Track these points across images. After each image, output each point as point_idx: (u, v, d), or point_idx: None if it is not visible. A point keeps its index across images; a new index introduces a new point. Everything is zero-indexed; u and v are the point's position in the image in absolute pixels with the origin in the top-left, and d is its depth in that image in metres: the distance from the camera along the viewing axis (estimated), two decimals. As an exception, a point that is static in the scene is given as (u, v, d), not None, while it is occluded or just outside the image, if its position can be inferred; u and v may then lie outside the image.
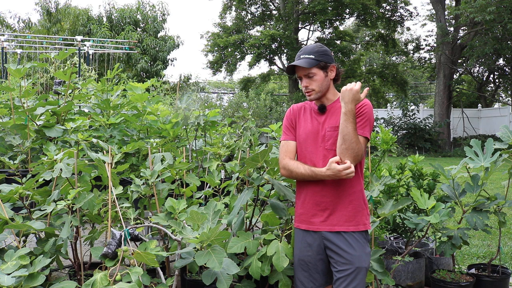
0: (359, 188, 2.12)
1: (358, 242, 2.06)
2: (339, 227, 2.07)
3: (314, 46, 2.12)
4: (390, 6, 22.99)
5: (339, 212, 2.08)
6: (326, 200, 2.09)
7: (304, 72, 2.10)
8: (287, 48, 21.92)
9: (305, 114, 2.21)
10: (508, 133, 2.79)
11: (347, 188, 2.08)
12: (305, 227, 2.15)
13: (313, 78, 2.10)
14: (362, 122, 2.06)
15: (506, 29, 15.94)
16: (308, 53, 2.10)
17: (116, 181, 2.62)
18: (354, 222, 2.08)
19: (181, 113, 3.66)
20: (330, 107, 2.15)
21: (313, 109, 2.19)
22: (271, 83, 31.34)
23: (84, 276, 2.66)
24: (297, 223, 2.21)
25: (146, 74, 18.89)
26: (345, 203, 2.08)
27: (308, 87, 2.11)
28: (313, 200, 2.12)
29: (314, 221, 2.12)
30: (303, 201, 2.17)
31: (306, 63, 2.06)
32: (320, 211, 2.10)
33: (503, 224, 2.99)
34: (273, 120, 17.63)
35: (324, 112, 2.15)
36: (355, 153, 1.97)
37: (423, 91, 31.38)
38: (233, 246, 2.44)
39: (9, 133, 3.52)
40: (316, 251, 2.12)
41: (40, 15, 19.52)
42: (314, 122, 2.16)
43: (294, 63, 2.10)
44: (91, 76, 7.57)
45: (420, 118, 19.93)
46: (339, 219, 2.07)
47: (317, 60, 2.08)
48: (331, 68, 2.13)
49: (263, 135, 9.72)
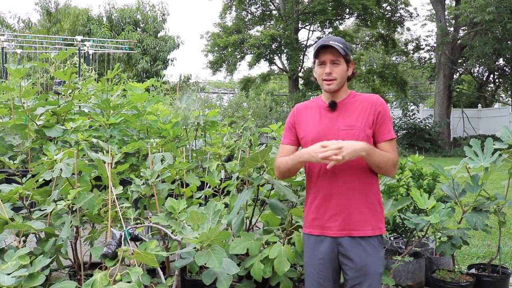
0: (375, 191, 2.03)
1: (374, 247, 1.98)
2: (356, 231, 1.96)
3: (341, 39, 2.02)
4: (390, 6, 22.99)
5: (355, 217, 1.97)
6: (342, 203, 1.98)
7: (332, 57, 1.97)
8: (287, 48, 21.91)
9: (313, 112, 2.09)
10: (508, 133, 2.79)
11: (363, 191, 1.99)
12: (319, 233, 2.02)
13: (338, 66, 1.99)
14: (384, 127, 1.99)
15: (506, 29, 15.93)
16: (338, 41, 1.98)
17: (116, 181, 2.62)
18: (370, 227, 1.97)
19: (181, 113, 3.66)
20: (341, 104, 2.04)
21: (322, 106, 2.07)
22: (271, 83, 31.33)
23: (84, 276, 2.66)
24: (309, 229, 2.06)
25: (146, 74, 18.90)
26: (361, 207, 1.97)
27: (331, 74, 1.98)
28: (328, 204, 2.00)
29: (329, 226, 2.00)
30: (316, 205, 2.03)
31: (340, 48, 1.95)
32: (335, 216, 1.98)
33: (503, 224, 2.99)
34: (273, 120, 17.61)
35: (335, 109, 2.03)
36: (393, 164, 1.95)
37: (423, 91, 31.37)
38: (235, 247, 2.44)
39: (9, 133, 3.52)
40: (328, 258, 2.00)
41: (40, 15, 19.54)
42: (324, 119, 2.03)
43: (328, 42, 1.96)
44: (91, 76, 7.57)
45: (420, 118, 19.94)
46: (356, 224, 1.96)
47: (345, 51, 1.98)
48: (351, 64, 2.06)
49: (263, 135, 9.71)
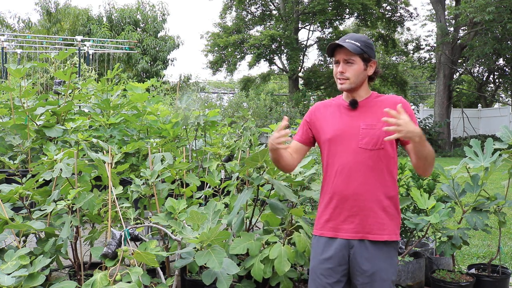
0: (394, 194, 1.95)
1: (387, 253, 1.90)
2: (372, 235, 1.89)
3: (362, 36, 1.98)
4: (390, 6, 22.99)
5: (371, 220, 1.89)
6: (359, 204, 1.90)
7: (345, 56, 1.93)
8: (287, 48, 21.91)
9: (332, 111, 2.04)
10: (508, 133, 2.79)
11: (381, 194, 1.91)
12: (332, 235, 1.94)
13: (352, 66, 1.93)
14: None
15: (506, 29, 15.92)
16: (355, 39, 1.94)
17: (116, 181, 2.62)
18: (387, 232, 1.89)
19: (181, 113, 3.66)
20: (362, 103, 1.98)
21: (342, 105, 2.02)
22: (271, 83, 31.33)
23: (84, 276, 2.66)
24: (320, 231, 1.99)
25: (146, 74, 18.90)
26: (378, 210, 1.90)
27: (344, 73, 1.94)
28: (343, 205, 1.92)
29: (343, 228, 1.92)
30: (331, 206, 1.96)
31: (351, 47, 1.90)
32: (350, 217, 1.91)
33: (503, 224, 2.99)
34: (273, 120, 17.60)
35: (355, 108, 1.97)
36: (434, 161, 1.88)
37: (423, 91, 31.37)
38: (235, 247, 2.44)
39: (9, 133, 3.52)
40: (338, 262, 1.93)
41: (40, 15, 19.52)
42: (345, 118, 1.98)
43: (340, 42, 1.93)
44: (91, 76, 7.57)
45: (420, 118, 19.95)
46: (372, 227, 1.89)
47: (362, 50, 1.92)
48: (371, 63, 1.98)
49: (263, 135, 9.71)
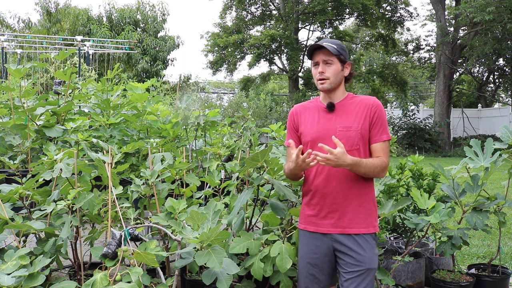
0: (370, 190, 2.12)
1: (368, 243, 2.05)
2: (350, 229, 2.05)
3: (336, 40, 2.13)
4: (390, 6, 22.99)
5: (350, 214, 2.05)
6: (338, 201, 2.06)
7: (324, 57, 2.08)
8: (287, 48, 21.92)
9: (310, 113, 2.17)
10: (508, 133, 2.79)
11: (359, 191, 2.07)
12: (314, 229, 2.11)
13: (331, 66, 2.08)
14: (378, 128, 2.07)
15: (506, 29, 15.94)
16: (331, 42, 2.09)
17: (116, 181, 2.62)
18: (365, 224, 2.06)
19: (181, 113, 3.66)
20: (339, 105, 2.12)
21: (320, 107, 2.15)
22: (271, 83, 31.33)
23: (84, 276, 2.66)
24: (303, 225, 2.17)
25: (146, 74, 18.90)
26: (356, 206, 2.06)
27: (324, 73, 2.07)
28: (324, 202, 2.08)
29: (324, 223, 2.09)
30: (312, 203, 2.13)
31: (330, 48, 2.05)
32: (331, 213, 2.07)
33: (503, 224, 2.99)
34: (273, 120, 17.63)
35: (333, 110, 2.11)
36: (381, 170, 2.05)
37: (423, 91, 31.39)
38: (235, 247, 2.44)
39: (9, 133, 3.52)
40: (323, 253, 2.09)
41: (40, 15, 19.53)
42: (322, 121, 2.12)
43: (321, 43, 2.07)
44: (91, 76, 7.58)
45: (420, 118, 19.95)
46: (351, 221, 2.05)
47: (339, 51, 2.07)
48: (347, 64, 2.13)
49: (263, 135, 9.72)
